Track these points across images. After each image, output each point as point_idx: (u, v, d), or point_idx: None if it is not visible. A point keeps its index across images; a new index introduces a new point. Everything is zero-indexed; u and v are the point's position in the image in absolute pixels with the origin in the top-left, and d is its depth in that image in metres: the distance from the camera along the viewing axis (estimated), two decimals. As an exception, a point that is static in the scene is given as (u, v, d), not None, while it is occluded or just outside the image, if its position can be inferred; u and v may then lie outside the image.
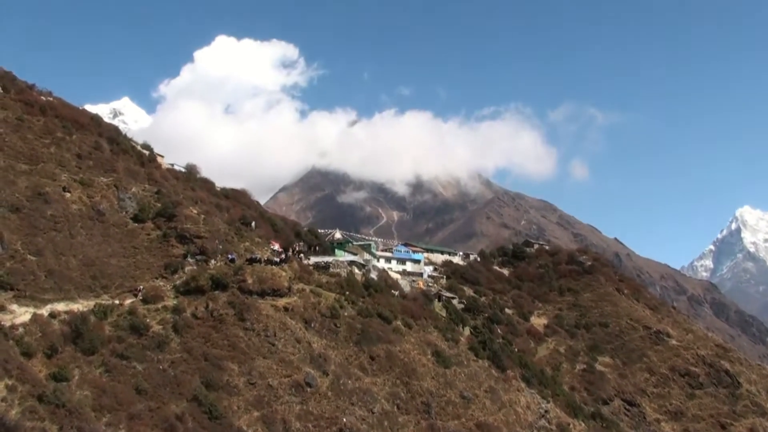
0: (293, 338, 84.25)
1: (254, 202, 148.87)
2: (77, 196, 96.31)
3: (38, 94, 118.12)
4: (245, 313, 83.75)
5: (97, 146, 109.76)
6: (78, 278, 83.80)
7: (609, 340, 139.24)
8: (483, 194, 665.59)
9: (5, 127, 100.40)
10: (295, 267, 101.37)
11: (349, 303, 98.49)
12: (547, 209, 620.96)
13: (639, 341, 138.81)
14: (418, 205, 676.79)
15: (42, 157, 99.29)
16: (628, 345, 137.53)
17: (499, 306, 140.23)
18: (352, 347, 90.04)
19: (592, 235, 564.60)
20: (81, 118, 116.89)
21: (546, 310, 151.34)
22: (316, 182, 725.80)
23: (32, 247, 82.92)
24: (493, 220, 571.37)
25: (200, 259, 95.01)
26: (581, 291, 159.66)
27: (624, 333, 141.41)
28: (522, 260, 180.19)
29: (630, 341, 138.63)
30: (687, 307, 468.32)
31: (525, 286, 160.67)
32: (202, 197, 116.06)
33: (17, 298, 75.96)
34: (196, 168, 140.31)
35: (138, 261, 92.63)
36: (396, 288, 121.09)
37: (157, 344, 75.59)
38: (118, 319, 78.38)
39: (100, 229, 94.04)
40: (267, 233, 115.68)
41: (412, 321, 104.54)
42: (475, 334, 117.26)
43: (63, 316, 74.97)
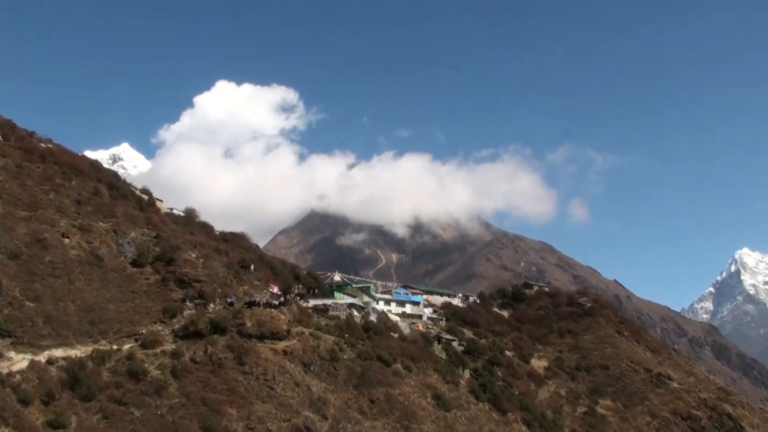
0: (292, 382, 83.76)
1: (253, 245, 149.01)
2: (76, 241, 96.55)
3: (38, 141, 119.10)
4: (244, 357, 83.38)
5: (96, 192, 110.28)
6: (76, 324, 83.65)
7: (610, 383, 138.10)
8: (482, 236, 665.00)
9: (5, 174, 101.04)
10: (294, 310, 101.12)
11: (349, 346, 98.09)
12: (546, 251, 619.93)
13: (640, 384, 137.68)
14: (417, 247, 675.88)
15: (41, 203, 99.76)
16: (630, 388, 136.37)
17: (499, 348, 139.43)
18: (352, 390, 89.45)
19: (592, 277, 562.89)
20: (80, 164, 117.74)
21: (546, 353, 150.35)
22: (315, 225, 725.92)
23: (30, 294, 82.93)
24: (493, 262, 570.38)
25: (199, 303, 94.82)
26: (581, 333, 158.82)
27: (625, 375, 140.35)
28: (522, 302, 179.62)
29: (631, 384, 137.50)
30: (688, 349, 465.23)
31: (525, 328, 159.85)
32: (201, 241, 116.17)
33: (15, 344, 75.82)
34: (195, 212, 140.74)
35: (136, 306, 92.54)
36: (395, 330, 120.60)
37: (155, 389, 75.12)
38: (117, 364, 78.05)
39: (99, 275, 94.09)
40: (266, 276, 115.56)
41: (411, 364, 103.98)
42: (475, 377, 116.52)
43: (61, 363, 74.66)
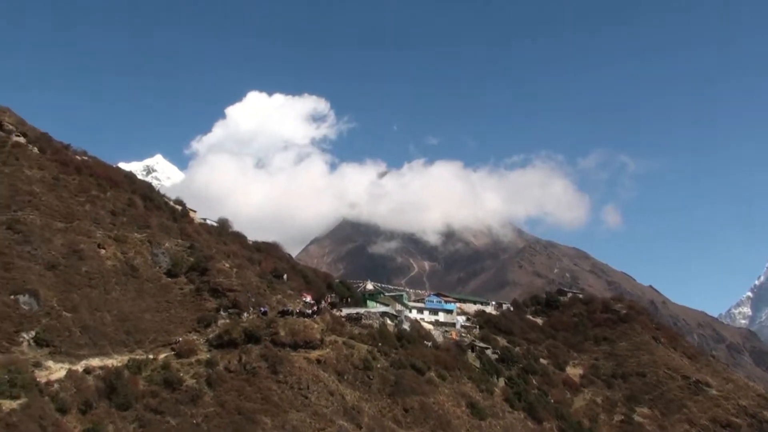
0: (326, 391, 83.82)
1: (286, 254, 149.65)
2: (112, 252, 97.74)
3: (73, 154, 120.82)
4: (278, 366, 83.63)
5: (130, 203, 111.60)
6: (112, 333, 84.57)
7: (647, 391, 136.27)
8: (515, 243, 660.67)
9: (42, 186, 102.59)
10: (327, 319, 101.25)
11: (382, 354, 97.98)
12: (579, 257, 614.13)
13: (678, 391, 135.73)
14: (450, 254, 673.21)
15: (77, 214, 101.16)
16: (667, 395, 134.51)
17: (533, 356, 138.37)
18: (386, 399, 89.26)
19: (627, 283, 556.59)
20: (115, 176, 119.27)
21: (581, 360, 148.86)
22: (347, 234, 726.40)
23: (68, 304, 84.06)
24: (526, 269, 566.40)
25: (233, 312, 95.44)
26: (617, 340, 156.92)
27: (662, 383, 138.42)
28: (556, 309, 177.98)
29: (668, 391, 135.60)
30: (726, 355, 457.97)
31: (559, 335, 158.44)
32: (234, 251, 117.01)
33: (53, 354, 76.88)
34: (228, 222, 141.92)
35: (171, 315, 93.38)
36: (429, 339, 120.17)
37: (190, 398, 75.62)
38: (152, 373, 78.69)
39: (134, 285, 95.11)
40: (299, 285, 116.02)
41: (445, 372, 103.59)
42: (509, 385, 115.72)
43: (98, 372, 75.52)
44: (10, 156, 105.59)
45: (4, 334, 75.18)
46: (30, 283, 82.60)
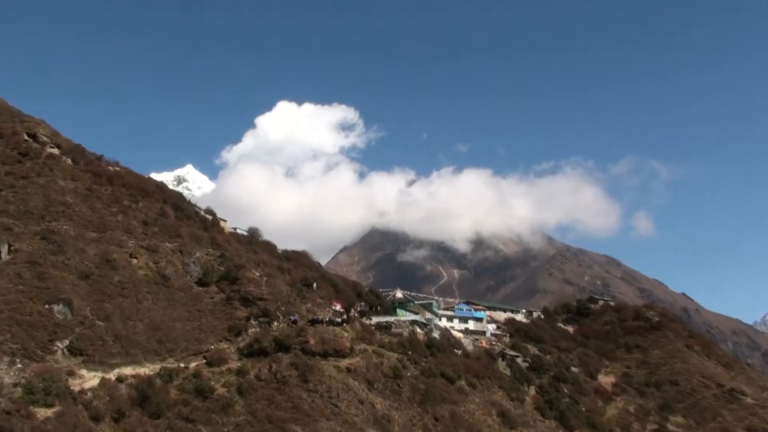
0: (356, 399, 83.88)
1: (315, 263, 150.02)
2: (143, 261, 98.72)
3: (106, 165, 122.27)
4: (308, 375, 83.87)
5: (162, 213, 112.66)
6: (144, 342, 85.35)
7: (680, 399, 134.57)
8: (545, 250, 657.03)
9: (75, 197, 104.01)
10: (357, 327, 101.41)
11: (412, 363, 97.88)
12: (611, 264, 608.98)
13: (712, 400, 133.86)
14: (479, 262, 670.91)
15: (110, 225, 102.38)
16: (701, 404, 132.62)
17: (564, 364, 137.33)
18: (416, 408, 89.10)
19: (659, 290, 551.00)
20: (147, 186, 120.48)
21: (613, 368, 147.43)
22: (376, 242, 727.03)
23: (101, 313, 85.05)
24: (556, 277, 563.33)
25: (263, 321, 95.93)
26: (649, 348, 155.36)
27: (696, 391, 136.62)
28: (587, 317, 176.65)
29: (703, 400, 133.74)
30: (761, 363, 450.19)
31: (591, 343, 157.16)
32: (264, 260, 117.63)
33: (86, 362, 77.78)
34: (258, 231, 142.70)
35: (202, 324, 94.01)
36: (459, 347, 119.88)
37: (221, 407, 76.01)
38: (184, 382, 79.31)
39: (166, 294, 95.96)
40: (328, 294, 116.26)
41: (476, 380, 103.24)
42: (540, 394, 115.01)
43: (130, 380, 76.24)
44: (45, 167, 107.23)
45: (38, 342, 76.23)
46: (64, 292, 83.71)
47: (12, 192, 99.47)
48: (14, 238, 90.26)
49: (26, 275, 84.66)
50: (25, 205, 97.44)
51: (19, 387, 67.23)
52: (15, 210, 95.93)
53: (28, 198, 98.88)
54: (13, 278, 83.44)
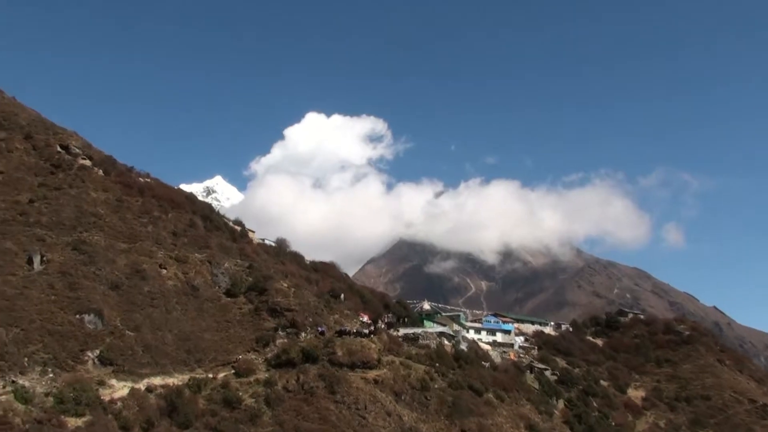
0: (384, 411, 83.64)
1: (343, 274, 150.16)
2: (173, 272, 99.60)
3: (136, 176, 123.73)
4: (335, 386, 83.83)
5: (191, 224, 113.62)
6: (173, 352, 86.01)
7: (712, 414, 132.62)
8: (573, 262, 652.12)
9: (106, 208, 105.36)
10: (385, 339, 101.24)
11: (440, 375, 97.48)
12: (640, 277, 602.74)
13: (744, 415, 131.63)
14: (507, 274, 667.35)
15: (140, 235, 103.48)
16: (733, 419, 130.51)
17: (593, 378, 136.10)
18: (443, 420, 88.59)
19: (690, 304, 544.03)
20: (176, 198, 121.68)
21: (643, 382, 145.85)
22: (404, 253, 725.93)
23: (130, 323, 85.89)
24: (585, 289, 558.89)
25: (291, 331, 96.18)
26: (680, 362, 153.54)
27: (728, 406, 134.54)
28: (616, 330, 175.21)
29: (735, 415, 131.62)
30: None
31: (620, 357, 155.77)
32: (292, 271, 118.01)
33: (116, 372, 78.61)
34: (286, 242, 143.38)
35: (231, 335, 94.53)
36: (487, 359, 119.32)
37: (249, 417, 76.27)
38: (212, 392, 79.75)
39: (195, 304, 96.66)
40: (356, 305, 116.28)
41: (504, 393, 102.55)
42: (569, 407, 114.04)
43: (159, 390, 76.90)
44: (77, 178, 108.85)
45: (69, 352, 77.19)
46: (95, 302, 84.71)
47: (45, 203, 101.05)
48: (47, 248, 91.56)
49: (58, 285, 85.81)
50: (58, 216, 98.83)
51: (51, 396, 68.09)
52: (47, 221, 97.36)
53: (60, 209, 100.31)
54: (45, 288, 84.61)
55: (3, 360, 70.22)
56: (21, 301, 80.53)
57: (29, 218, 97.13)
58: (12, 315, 77.39)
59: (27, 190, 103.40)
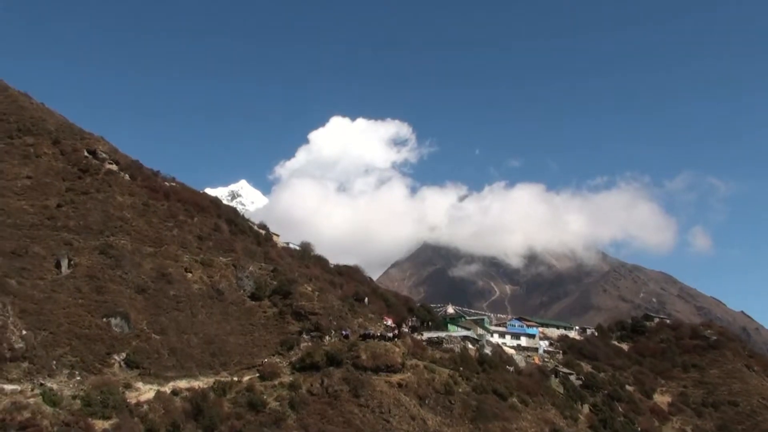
0: (408, 415, 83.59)
1: (367, 278, 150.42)
2: (198, 276, 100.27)
3: (162, 180, 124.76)
4: (360, 390, 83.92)
5: (216, 228, 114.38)
6: (199, 356, 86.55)
7: (740, 420, 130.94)
8: (599, 266, 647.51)
9: (132, 212, 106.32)
10: (409, 342, 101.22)
11: (464, 379, 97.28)
12: (667, 281, 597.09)
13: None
14: (532, 278, 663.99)
15: (165, 239, 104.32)
16: (762, 425, 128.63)
17: (619, 382, 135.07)
18: (468, 425, 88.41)
19: (717, 308, 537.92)
20: (201, 202, 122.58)
21: (670, 387, 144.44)
22: (428, 257, 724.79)
23: (156, 326, 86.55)
24: (610, 293, 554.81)
25: (315, 335, 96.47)
26: (707, 367, 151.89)
27: (756, 413, 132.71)
28: (642, 335, 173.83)
29: (763, 421, 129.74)
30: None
31: (646, 361, 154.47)
32: (316, 274, 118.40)
33: (142, 375, 79.17)
34: (310, 246, 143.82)
35: (255, 338, 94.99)
36: (511, 363, 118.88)
37: (274, 420, 76.53)
38: (237, 395, 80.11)
39: (220, 308, 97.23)
40: (380, 309, 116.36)
41: (528, 398, 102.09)
42: (594, 412, 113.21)
43: (185, 393, 77.36)
44: (104, 183, 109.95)
45: (96, 355, 77.89)
46: (121, 306, 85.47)
47: (72, 207, 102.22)
48: (74, 252, 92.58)
49: (85, 289, 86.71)
50: (85, 220, 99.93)
51: (78, 399, 68.71)
52: (75, 225, 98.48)
53: (87, 213, 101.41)
54: (73, 292, 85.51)
55: (32, 363, 71.01)
56: (49, 304, 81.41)
57: (57, 222, 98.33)
58: (40, 318, 78.24)
59: (55, 195, 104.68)
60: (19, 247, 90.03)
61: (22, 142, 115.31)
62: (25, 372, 69.83)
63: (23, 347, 71.06)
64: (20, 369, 69.64)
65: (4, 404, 62.40)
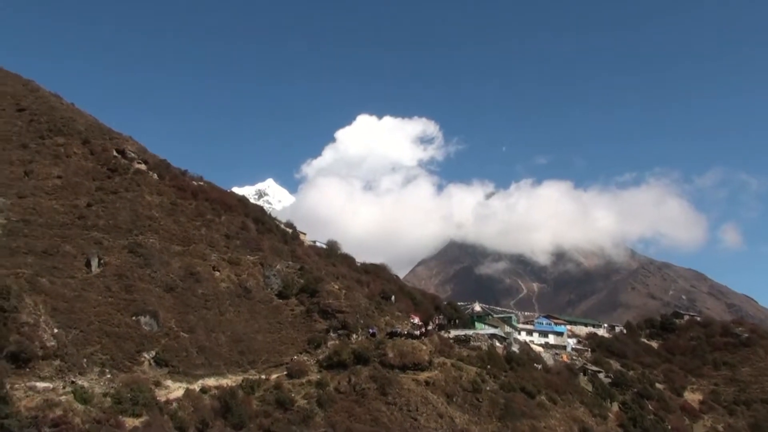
0: (435, 413, 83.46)
1: (393, 276, 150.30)
2: (226, 274, 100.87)
3: (190, 179, 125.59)
4: (387, 387, 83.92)
5: (243, 226, 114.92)
6: (227, 354, 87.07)
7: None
8: (627, 264, 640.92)
9: (161, 211, 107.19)
10: (436, 340, 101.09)
11: (491, 377, 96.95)
12: (697, 278, 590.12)
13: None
14: (559, 275, 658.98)
15: (193, 238, 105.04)
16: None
17: (648, 380, 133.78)
18: (496, 423, 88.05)
19: (748, 306, 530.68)
20: (229, 201, 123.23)
21: (700, 385, 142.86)
22: (454, 255, 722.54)
23: (185, 325, 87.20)
24: (639, 291, 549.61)
25: (342, 333, 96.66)
26: (738, 365, 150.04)
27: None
28: (672, 332, 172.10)
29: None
30: None
31: (676, 359, 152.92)
32: (343, 272, 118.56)
33: (171, 373, 79.83)
34: (337, 244, 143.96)
35: (283, 336, 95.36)
36: (539, 361, 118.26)
37: (302, 418, 76.73)
38: (265, 393, 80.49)
39: (247, 306, 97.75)
40: (407, 307, 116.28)
41: (556, 396, 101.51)
42: (624, 410, 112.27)
43: (213, 391, 77.85)
44: (132, 182, 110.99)
45: (126, 353, 78.67)
46: (150, 304, 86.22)
47: (102, 207, 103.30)
48: (104, 251, 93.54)
49: (115, 288, 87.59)
50: (114, 219, 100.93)
51: (109, 397, 69.39)
52: (104, 224, 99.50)
53: (116, 212, 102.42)
54: (103, 291, 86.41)
55: (63, 361, 71.83)
56: (80, 303, 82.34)
57: (87, 222, 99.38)
58: (71, 317, 79.17)
59: (85, 194, 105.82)
60: (50, 247, 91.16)
61: (53, 142, 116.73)
62: (57, 370, 70.65)
63: (55, 345, 71.91)
64: (52, 367, 70.46)
65: (37, 402, 63.16)
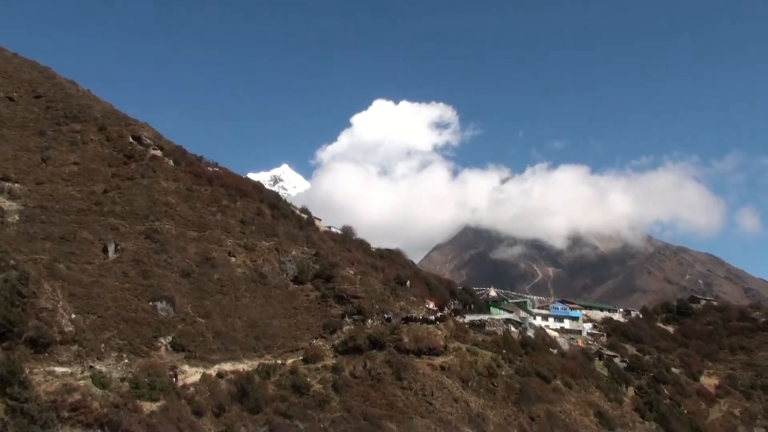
0: (450, 397, 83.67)
1: (408, 261, 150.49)
2: (241, 260, 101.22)
3: (206, 165, 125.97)
4: (402, 372, 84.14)
5: (259, 212, 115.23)
6: (243, 339, 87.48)
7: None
8: (643, 248, 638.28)
9: (177, 197, 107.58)
10: (451, 325, 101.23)
11: (507, 362, 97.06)
12: (713, 263, 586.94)
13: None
14: (575, 260, 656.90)
15: (209, 224, 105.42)
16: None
17: (664, 365, 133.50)
18: (511, 407, 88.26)
19: (766, 290, 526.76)
20: (244, 186, 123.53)
21: (717, 370, 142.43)
22: (469, 240, 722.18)
23: (201, 310, 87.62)
24: (655, 275, 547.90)
25: (357, 318, 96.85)
26: (755, 349, 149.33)
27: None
28: (688, 317, 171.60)
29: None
30: None
31: (692, 344, 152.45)
32: (358, 258, 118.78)
33: (188, 358, 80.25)
34: (352, 229, 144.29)
35: (298, 321, 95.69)
36: (554, 346, 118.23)
37: (318, 403, 77.07)
38: (281, 378, 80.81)
39: (263, 291, 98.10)
40: (422, 292, 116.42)
41: (572, 380, 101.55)
42: (640, 395, 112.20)
43: (230, 376, 78.21)
44: (148, 168, 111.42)
45: (143, 339, 79.14)
46: (166, 290, 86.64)
47: (118, 193, 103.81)
48: (120, 237, 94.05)
49: (131, 273, 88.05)
50: (131, 205, 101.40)
51: (126, 381, 69.85)
52: (121, 210, 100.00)
53: (132, 199, 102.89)
54: (120, 276, 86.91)
55: (81, 346, 72.30)
56: (97, 288, 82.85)
57: (104, 208, 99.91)
58: (89, 302, 79.68)
59: (101, 181, 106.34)
60: (67, 233, 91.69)
61: (70, 128, 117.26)
62: (75, 355, 71.11)
63: (73, 330, 72.38)
64: (70, 352, 70.92)
65: (56, 386, 63.60)
